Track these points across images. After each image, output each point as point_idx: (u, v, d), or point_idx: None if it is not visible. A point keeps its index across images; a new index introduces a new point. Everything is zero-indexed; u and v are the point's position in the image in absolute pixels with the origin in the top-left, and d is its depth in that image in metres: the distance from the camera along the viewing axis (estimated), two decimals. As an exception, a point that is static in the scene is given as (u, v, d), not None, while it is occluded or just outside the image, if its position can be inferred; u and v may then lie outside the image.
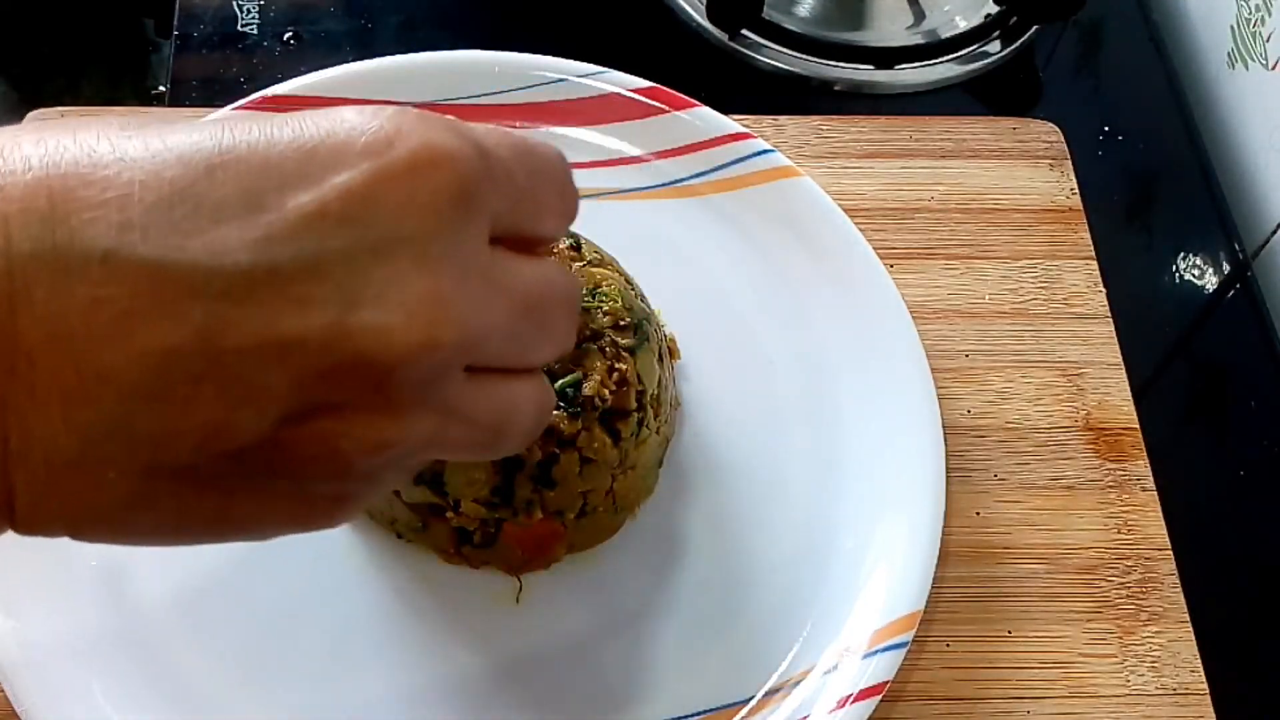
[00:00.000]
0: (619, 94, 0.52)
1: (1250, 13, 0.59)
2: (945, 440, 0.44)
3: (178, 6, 0.59)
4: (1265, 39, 0.57)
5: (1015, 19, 0.61)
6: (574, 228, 0.44)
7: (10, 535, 0.23)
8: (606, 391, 0.40)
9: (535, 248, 0.27)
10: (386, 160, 0.23)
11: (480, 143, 0.24)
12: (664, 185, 0.51)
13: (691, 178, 0.51)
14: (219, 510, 0.24)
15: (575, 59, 0.53)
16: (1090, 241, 0.52)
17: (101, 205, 0.21)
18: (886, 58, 0.60)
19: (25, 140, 0.22)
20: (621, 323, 0.42)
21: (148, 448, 0.22)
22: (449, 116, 0.25)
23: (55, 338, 0.21)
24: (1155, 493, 0.46)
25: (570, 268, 0.43)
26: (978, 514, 0.45)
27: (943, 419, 0.45)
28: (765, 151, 0.51)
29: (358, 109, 0.24)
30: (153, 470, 0.22)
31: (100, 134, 0.22)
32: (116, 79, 0.59)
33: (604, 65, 0.53)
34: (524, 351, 0.26)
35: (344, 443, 0.23)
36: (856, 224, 0.49)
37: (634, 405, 0.41)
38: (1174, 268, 0.55)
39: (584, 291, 0.41)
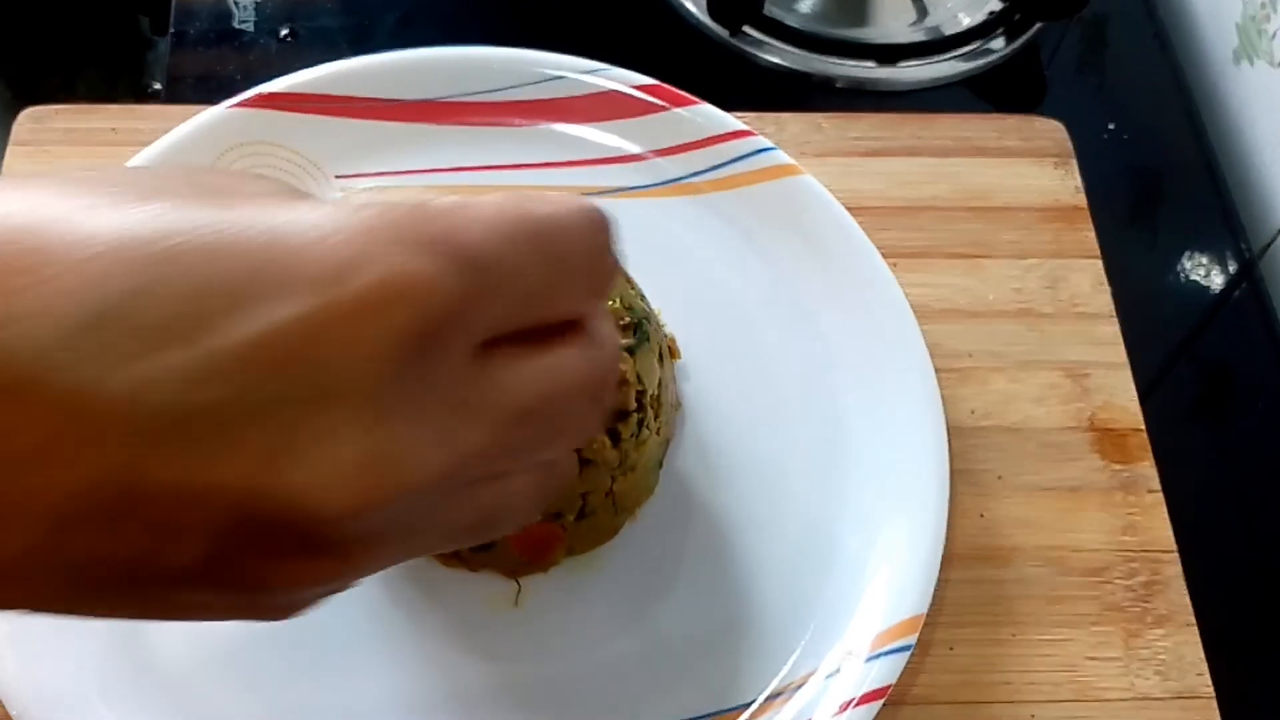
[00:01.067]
0: (619, 91, 0.52)
1: (1256, 9, 0.58)
2: (949, 441, 0.44)
3: (173, 3, 0.59)
4: (1271, 36, 0.57)
5: (1019, 15, 0.61)
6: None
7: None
8: (606, 392, 0.40)
9: (560, 332, 0.24)
10: (335, 296, 0.20)
11: (470, 254, 0.21)
12: (665, 183, 0.51)
13: (692, 176, 0.51)
14: (165, 610, 0.23)
15: (575, 55, 0.52)
16: (1095, 240, 0.52)
17: (21, 320, 0.19)
18: (889, 54, 0.60)
19: None
20: (621, 322, 0.41)
21: (75, 570, 0.21)
22: (446, 212, 0.21)
23: None
24: (1161, 494, 0.45)
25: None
26: (982, 516, 0.45)
27: (946, 419, 0.45)
28: (767, 149, 0.50)
29: (326, 213, 0.21)
30: (83, 586, 0.21)
31: (34, 219, 0.20)
32: (112, 77, 0.59)
33: (604, 62, 0.52)
34: (526, 457, 0.24)
35: (280, 579, 0.22)
36: (859, 222, 0.49)
37: (634, 405, 0.41)
38: (1180, 267, 0.55)
39: None
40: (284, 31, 0.59)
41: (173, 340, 0.20)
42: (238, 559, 0.21)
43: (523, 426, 0.23)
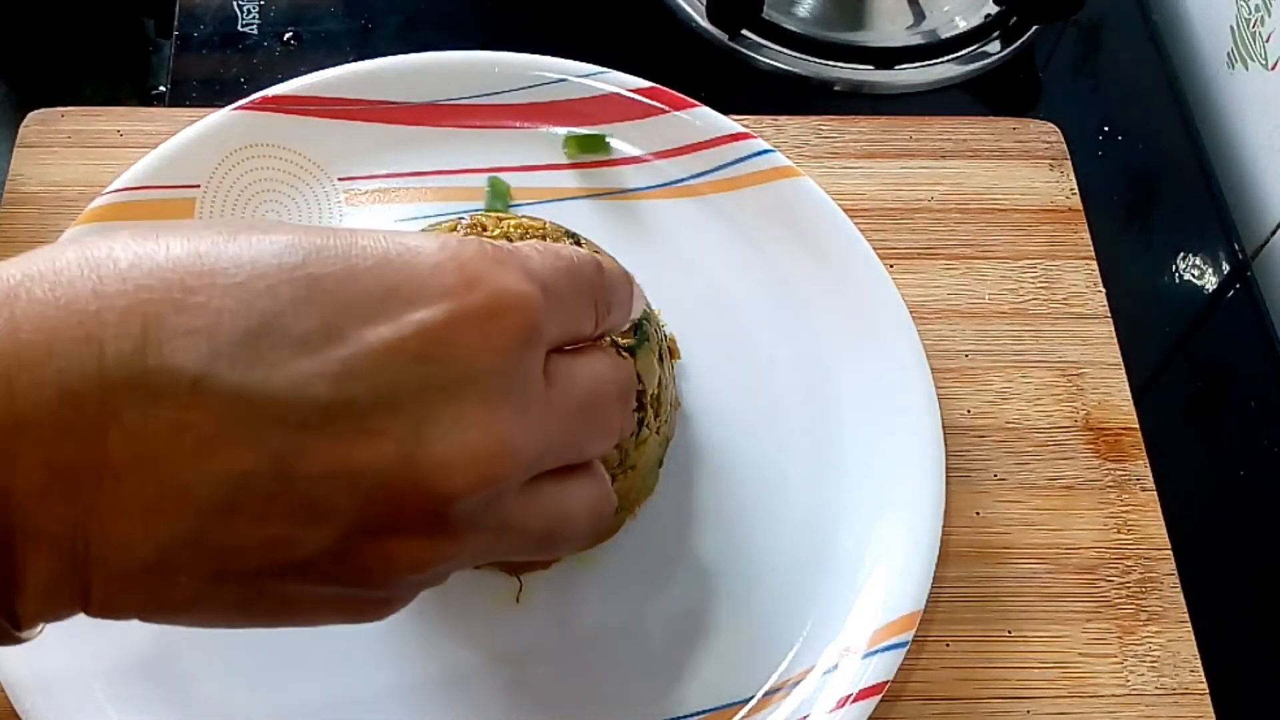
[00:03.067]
0: (619, 94, 0.52)
1: (1250, 13, 0.59)
2: (945, 440, 0.44)
3: (178, 7, 0.59)
4: (1265, 39, 0.57)
5: (1015, 19, 0.61)
6: (573, 227, 0.45)
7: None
8: (606, 391, 0.40)
9: (593, 347, 0.29)
10: (465, 303, 0.24)
11: (543, 280, 0.26)
12: (664, 185, 0.51)
13: (691, 178, 0.51)
14: (277, 608, 0.26)
15: (575, 59, 0.53)
16: (1090, 241, 0.52)
17: (192, 334, 0.22)
18: (886, 58, 0.60)
19: (120, 255, 0.23)
20: (621, 323, 0.41)
21: (218, 558, 0.23)
22: (511, 249, 0.26)
23: (141, 457, 0.22)
24: (1155, 493, 0.46)
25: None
26: (977, 514, 0.45)
27: (943, 419, 0.45)
28: (765, 152, 0.51)
29: (440, 244, 0.25)
30: (220, 576, 0.24)
31: (194, 251, 0.24)
32: (117, 79, 0.59)
33: (604, 65, 0.53)
34: (579, 453, 0.28)
35: (400, 560, 0.25)
36: (856, 224, 0.49)
37: (634, 405, 0.41)
38: (1174, 268, 0.55)
39: None
40: (288, 35, 0.59)
41: (325, 344, 0.23)
42: (365, 542, 0.24)
43: (582, 421, 0.27)
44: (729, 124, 0.52)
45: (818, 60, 0.60)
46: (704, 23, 0.60)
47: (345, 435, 0.23)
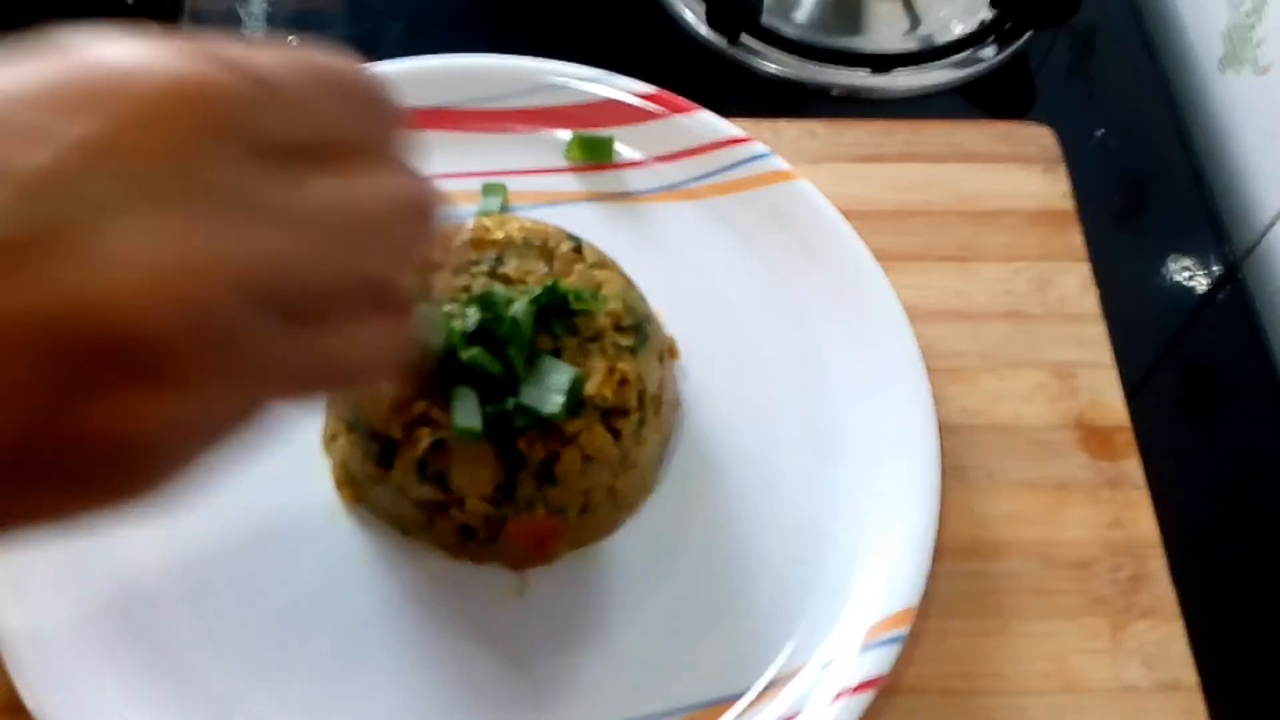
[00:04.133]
0: (620, 98, 0.53)
1: (1242, 18, 0.59)
2: (940, 438, 0.45)
3: (183, 11, 0.59)
4: (1256, 44, 0.58)
5: (1010, 24, 0.62)
6: (577, 232, 0.46)
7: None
8: (607, 391, 0.41)
9: (363, 160, 0.24)
10: (126, 104, 0.20)
11: (246, 67, 0.22)
12: (664, 188, 0.52)
13: (691, 181, 0.52)
14: (5, 509, 0.21)
15: (577, 63, 0.53)
16: (1083, 244, 0.52)
17: None
18: (883, 63, 0.61)
19: None
20: (622, 324, 0.42)
21: None
22: (202, 44, 0.22)
23: None
24: (1146, 490, 0.46)
25: (575, 271, 0.43)
26: (972, 511, 0.46)
27: (938, 418, 0.45)
28: (764, 155, 0.51)
29: (107, 41, 0.21)
30: None
31: None
32: (124, 84, 0.60)
33: (606, 70, 0.53)
34: (348, 272, 0.23)
35: (124, 426, 0.20)
36: (853, 226, 0.50)
37: (634, 404, 0.42)
38: (1165, 270, 0.56)
39: (587, 294, 0.42)
40: (292, 40, 0.59)
41: None
42: (74, 411, 0.20)
43: (338, 239, 0.23)
44: (728, 128, 0.52)
45: (815, 65, 0.60)
46: (704, 29, 0.61)
47: (1, 282, 0.19)
